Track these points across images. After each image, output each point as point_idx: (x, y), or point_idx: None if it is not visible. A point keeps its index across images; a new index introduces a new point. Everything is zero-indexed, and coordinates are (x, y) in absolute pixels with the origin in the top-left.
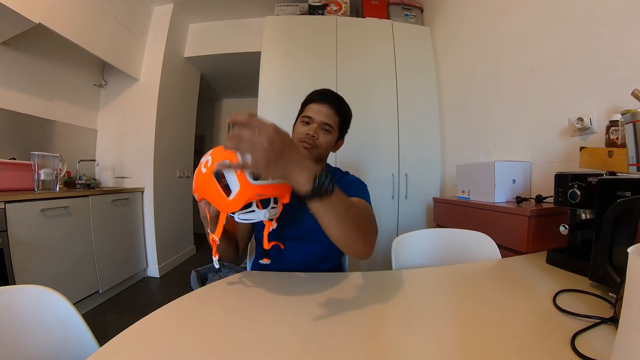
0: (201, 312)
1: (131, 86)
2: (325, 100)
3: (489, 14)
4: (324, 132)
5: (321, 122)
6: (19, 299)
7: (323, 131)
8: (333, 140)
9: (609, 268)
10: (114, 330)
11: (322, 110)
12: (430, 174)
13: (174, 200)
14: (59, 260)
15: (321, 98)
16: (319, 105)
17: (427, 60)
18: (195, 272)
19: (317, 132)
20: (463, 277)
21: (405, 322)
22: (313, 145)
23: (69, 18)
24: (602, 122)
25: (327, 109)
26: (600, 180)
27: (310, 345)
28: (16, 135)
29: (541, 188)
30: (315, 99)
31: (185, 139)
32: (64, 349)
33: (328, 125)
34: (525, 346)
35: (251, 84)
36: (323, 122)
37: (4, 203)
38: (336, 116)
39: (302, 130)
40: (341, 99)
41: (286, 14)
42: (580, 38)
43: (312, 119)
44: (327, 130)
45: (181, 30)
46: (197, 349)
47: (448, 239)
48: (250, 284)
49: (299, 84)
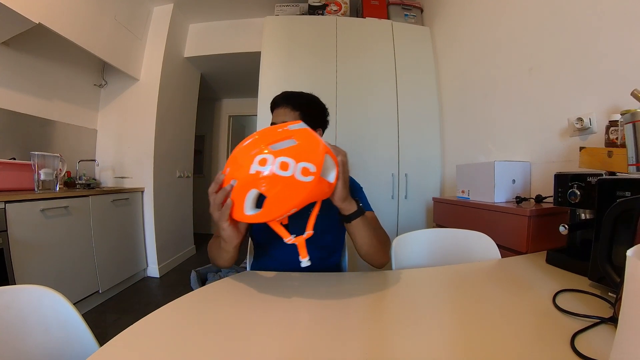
0: (201, 312)
1: (131, 86)
2: (279, 103)
3: (488, 14)
4: None
5: (282, 122)
6: (19, 299)
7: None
8: None
9: (609, 268)
10: (114, 330)
11: (280, 113)
12: (430, 174)
13: (174, 200)
14: (59, 260)
15: (277, 102)
16: (277, 109)
17: (426, 60)
18: (195, 272)
19: None
20: (463, 277)
21: (405, 322)
22: None
23: (69, 18)
24: (602, 122)
25: (284, 109)
26: (600, 180)
27: (310, 345)
28: (16, 135)
29: (541, 188)
30: (274, 105)
31: (185, 139)
32: (64, 349)
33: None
34: (525, 346)
35: (251, 84)
36: (284, 121)
37: (4, 203)
38: (294, 111)
39: None
40: (295, 94)
41: (286, 14)
42: (579, 38)
43: (274, 123)
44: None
45: (181, 30)
46: (197, 349)
47: (448, 239)
48: (250, 284)
49: (299, 84)
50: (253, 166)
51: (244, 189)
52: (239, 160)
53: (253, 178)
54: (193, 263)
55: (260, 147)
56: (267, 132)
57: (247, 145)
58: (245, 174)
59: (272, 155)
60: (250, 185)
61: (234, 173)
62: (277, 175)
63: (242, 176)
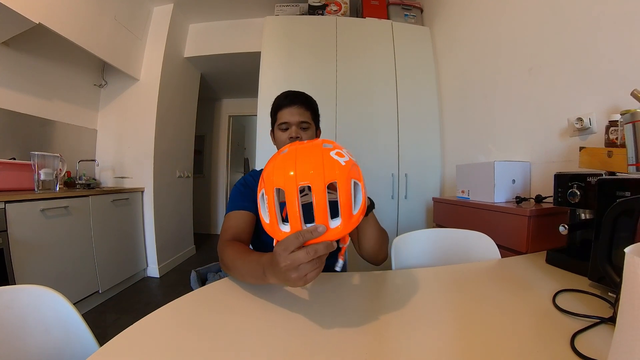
0: (201, 312)
1: (131, 86)
2: (293, 102)
3: (488, 14)
4: (303, 130)
5: (298, 122)
6: (19, 299)
7: (302, 130)
8: (314, 134)
9: (609, 268)
10: (114, 330)
11: (293, 112)
12: (430, 174)
13: (174, 200)
14: (59, 260)
15: (289, 101)
16: (289, 108)
17: (426, 60)
18: (195, 272)
19: (298, 133)
20: (463, 277)
21: (405, 322)
22: None
23: (69, 18)
24: (602, 122)
25: (297, 109)
26: (600, 180)
27: (311, 345)
28: (16, 135)
29: (541, 188)
30: (283, 104)
31: (185, 139)
32: (64, 349)
33: (305, 122)
34: (524, 346)
35: (251, 84)
36: (299, 121)
37: (4, 203)
38: (307, 111)
39: (285, 136)
40: (304, 94)
41: (286, 14)
42: (579, 38)
43: (288, 123)
44: (306, 128)
45: (181, 30)
46: (197, 349)
47: (448, 239)
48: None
49: (298, 84)
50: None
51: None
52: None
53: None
54: (193, 263)
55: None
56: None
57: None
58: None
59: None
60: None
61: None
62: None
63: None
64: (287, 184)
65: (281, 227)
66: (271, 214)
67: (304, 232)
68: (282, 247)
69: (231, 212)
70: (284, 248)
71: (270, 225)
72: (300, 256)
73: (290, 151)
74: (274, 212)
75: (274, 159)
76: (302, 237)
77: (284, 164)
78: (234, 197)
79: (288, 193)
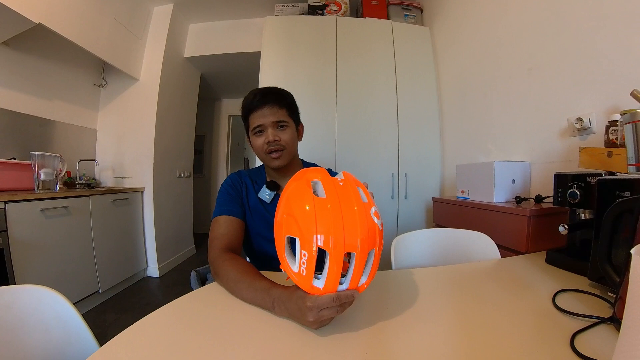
0: (201, 312)
1: (131, 86)
2: (264, 101)
3: (488, 15)
4: (281, 130)
5: (273, 122)
6: (19, 299)
7: (280, 130)
8: (294, 132)
9: (608, 268)
10: (114, 330)
11: (266, 113)
12: (430, 174)
13: (174, 200)
14: (59, 260)
15: (259, 102)
16: (260, 110)
17: (426, 60)
18: (195, 272)
19: (276, 135)
20: (462, 277)
21: (405, 321)
22: (281, 148)
23: (69, 18)
24: (602, 122)
25: (269, 109)
26: (600, 180)
27: (310, 345)
28: (16, 135)
29: (540, 188)
30: (253, 106)
31: (185, 139)
32: (64, 349)
33: (281, 122)
34: (524, 346)
35: (251, 84)
36: (274, 121)
37: (4, 203)
38: (281, 109)
39: (261, 141)
40: (275, 89)
41: (286, 14)
42: (579, 38)
43: (262, 125)
44: (283, 126)
45: (181, 30)
46: (197, 348)
47: (448, 239)
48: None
49: (298, 84)
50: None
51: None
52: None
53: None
54: (193, 263)
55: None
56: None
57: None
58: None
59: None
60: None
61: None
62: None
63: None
64: (335, 249)
65: (314, 283)
66: (308, 270)
67: (342, 297)
68: (316, 305)
69: (220, 217)
70: (318, 306)
71: (301, 276)
72: (327, 313)
73: (333, 207)
74: (312, 269)
75: (312, 203)
76: (340, 301)
77: (329, 221)
78: (222, 199)
79: (333, 256)
